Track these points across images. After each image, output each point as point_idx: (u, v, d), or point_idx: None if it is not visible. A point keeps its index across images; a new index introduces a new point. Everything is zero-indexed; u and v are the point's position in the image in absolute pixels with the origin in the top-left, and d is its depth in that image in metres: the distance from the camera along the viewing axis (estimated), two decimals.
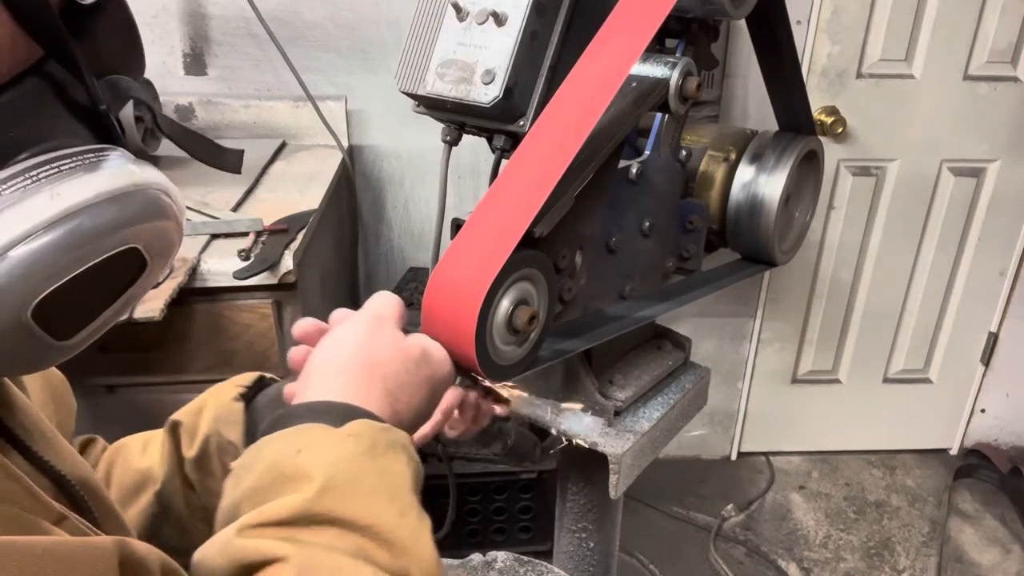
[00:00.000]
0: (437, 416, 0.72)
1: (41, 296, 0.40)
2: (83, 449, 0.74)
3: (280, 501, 0.47)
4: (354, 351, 0.59)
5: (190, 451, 0.70)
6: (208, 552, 0.48)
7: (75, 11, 0.45)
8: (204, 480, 0.69)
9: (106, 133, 0.47)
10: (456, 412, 0.78)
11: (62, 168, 0.42)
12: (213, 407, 0.71)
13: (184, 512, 0.70)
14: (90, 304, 0.44)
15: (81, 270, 0.41)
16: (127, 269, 0.45)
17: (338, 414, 0.53)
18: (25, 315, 0.40)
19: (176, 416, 0.72)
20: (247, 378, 0.74)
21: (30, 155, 0.42)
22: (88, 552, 0.41)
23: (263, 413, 0.71)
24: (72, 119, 0.45)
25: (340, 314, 0.66)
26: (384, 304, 0.65)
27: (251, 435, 0.69)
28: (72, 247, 0.41)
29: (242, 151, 0.60)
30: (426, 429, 0.72)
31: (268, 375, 0.76)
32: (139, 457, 0.71)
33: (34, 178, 0.41)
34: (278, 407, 0.69)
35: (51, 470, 0.51)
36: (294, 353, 0.66)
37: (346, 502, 0.48)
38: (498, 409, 0.82)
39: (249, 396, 0.72)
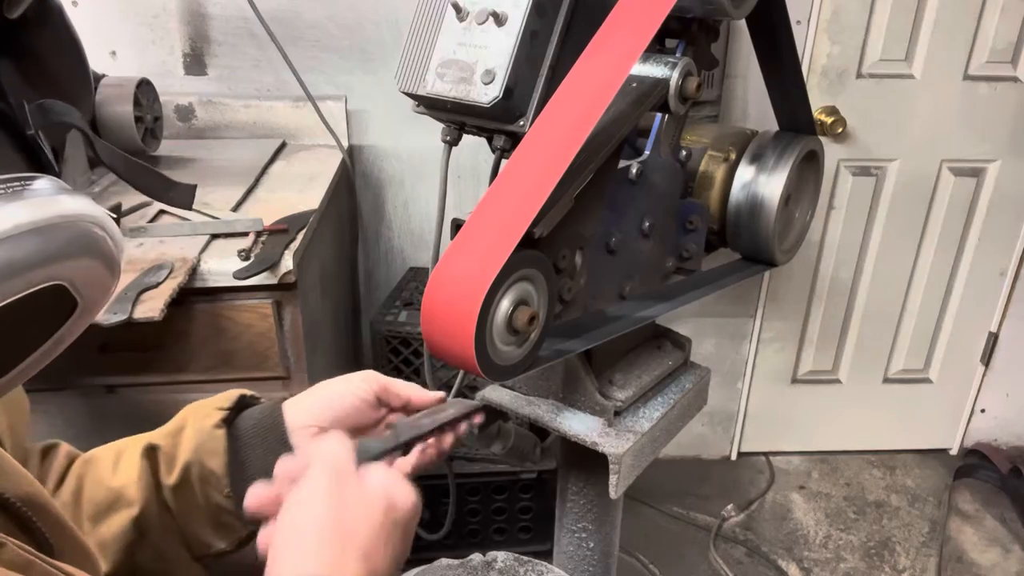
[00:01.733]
0: None
1: None
2: (44, 456, 0.70)
3: None
4: (324, 522, 0.54)
5: (169, 478, 0.67)
6: None
7: (2, 27, 0.41)
8: (183, 507, 0.68)
9: (36, 160, 0.44)
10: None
11: None
12: (194, 433, 0.68)
13: (161, 536, 0.68)
14: (14, 346, 0.41)
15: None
16: (55, 308, 0.42)
17: None
18: None
19: (153, 439, 0.69)
20: (227, 399, 0.71)
21: None
22: None
23: (245, 438, 0.68)
24: None
25: (287, 468, 0.60)
26: (336, 453, 0.59)
27: (233, 461, 0.67)
28: None
29: (194, 186, 0.55)
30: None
31: (249, 393, 0.73)
32: (111, 474, 0.68)
33: None
34: (262, 431, 0.68)
35: None
36: (262, 536, 0.61)
37: None
38: (477, 419, 0.75)
39: (230, 419, 0.70)
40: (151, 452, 0.68)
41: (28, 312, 0.40)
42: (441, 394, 0.74)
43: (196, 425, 0.69)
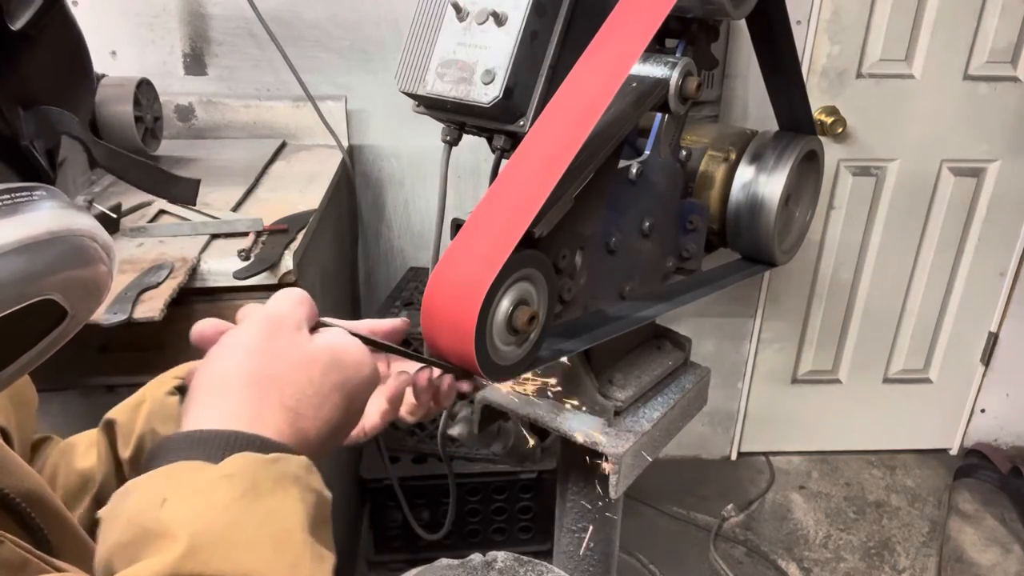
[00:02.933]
0: (384, 406, 0.66)
1: None
2: (36, 448, 0.70)
3: (145, 564, 0.41)
4: (243, 364, 0.50)
5: (126, 451, 0.66)
6: None
7: (2, 37, 0.41)
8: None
9: (31, 169, 0.44)
10: (412, 397, 0.69)
11: None
12: (149, 403, 0.67)
13: None
14: (3, 352, 0.41)
15: None
16: (44, 318, 0.42)
17: (217, 444, 0.45)
18: None
19: (111, 414, 0.68)
20: (186, 368, 0.68)
21: None
22: None
23: None
24: None
25: (246, 310, 0.56)
26: (284, 303, 0.55)
27: None
28: None
29: (197, 181, 0.54)
30: (374, 419, 0.66)
31: None
32: (82, 457, 0.67)
33: None
34: None
35: None
36: (188, 375, 0.59)
37: (220, 561, 0.41)
38: (463, 386, 0.72)
39: (186, 387, 0.65)
40: (109, 427, 0.67)
41: (17, 323, 0.40)
42: (400, 321, 0.68)
43: (151, 395, 0.67)
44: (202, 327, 0.57)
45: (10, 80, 0.42)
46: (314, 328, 0.56)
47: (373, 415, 0.66)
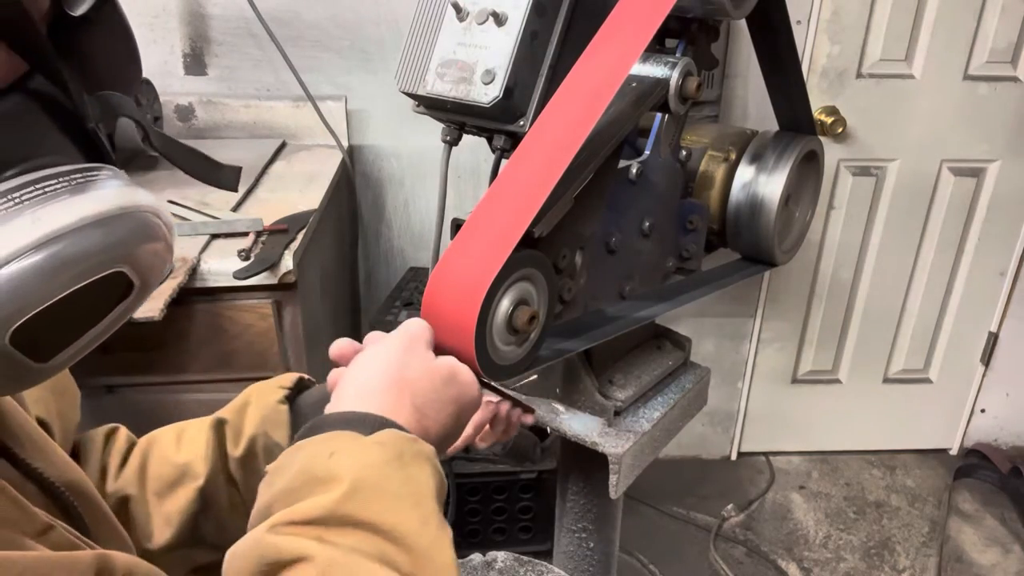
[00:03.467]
0: (468, 430, 0.76)
1: (18, 323, 0.39)
2: (107, 439, 0.73)
3: (310, 501, 0.48)
4: (386, 368, 0.60)
5: (236, 450, 0.70)
6: (240, 548, 0.49)
7: (65, 24, 0.43)
8: (248, 479, 0.70)
9: (96, 151, 0.46)
10: (488, 426, 0.82)
11: (47, 189, 0.40)
12: (258, 408, 0.72)
13: (225, 509, 0.71)
14: (73, 326, 0.43)
15: (62, 295, 0.40)
16: (113, 291, 0.44)
17: (368, 424, 0.54)
18: (2, 340, 0.39)
19: (221, 414, 0.73)
20: (288, 379, 0.75)
21: (15, 174, 0.41)
22: (66, 567, 0.41)
23: (307, 415, 0.71)
24: (60, 137, 0.44)
25: (374, 335, 0.67)
26: (416, 327, 0.66)
27: (298, 427, 0.70)
28: (52, 273, 0.40)
29: (239, 168, 0.57)
30: (457, 443, 0.73)
31: (307, 377, 0.77)
32: (175, 451, 0.71)
33: (16, 200, 0.40)
34: (322, 410, 0.71)
35: (39, 476, 0.51)
36: (331, 376, 0.68)
37: (372, 505, 0.49)
38: (528, 419, 0.85)
39: (291, 398, 0.74)
40: (219, 426, 0.72)
41: (90, 295, 0.42)
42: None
43: (260, 402, 0.73)
44: (341, 346, 0.68)
45: (73, 64, 0.43)
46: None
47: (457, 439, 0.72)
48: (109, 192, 0.43)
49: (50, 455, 0.55)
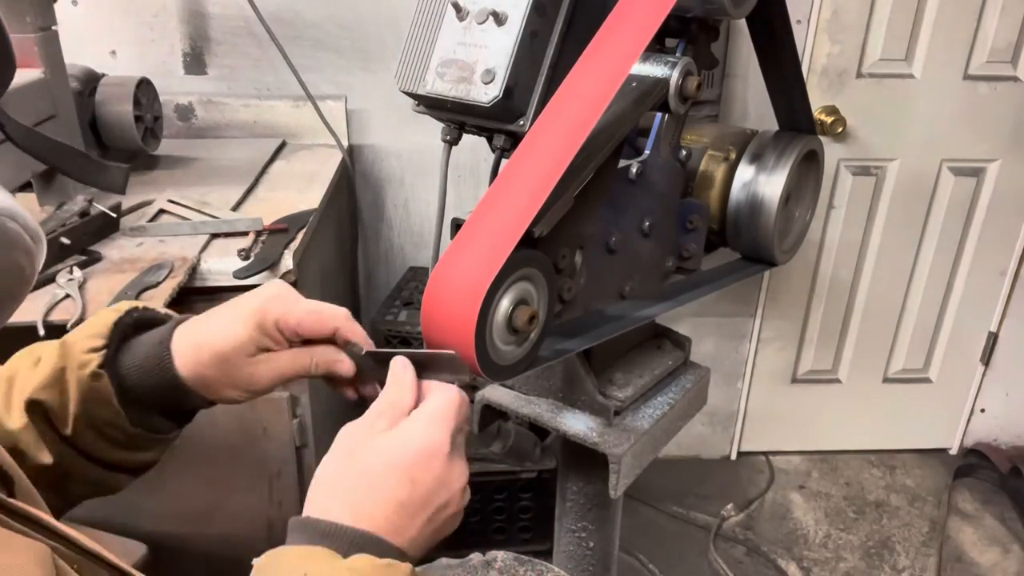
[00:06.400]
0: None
1: None
2: None
3: None
4: (420, 491, 0.56)
5: (66, 429, 0.63)
6: None
7: None
8: (93, 442, 0.64)
9: None
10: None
11: None
12: (76, 385, 0.63)
13: (88, 466, 0.65)
14: None
15: None
16: None
17: (344, 540, 0.52)
18: None
19: (34, 395, 0.63)
20: (102, 330, 0.64)
21: None
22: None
23: (131, 380, 0.64)
24: None
25: (436, 387, 0.61)
26: (457, 417, 0.59)
27: (124, 400, 0.64)
28: None
29: (127, 168, 0.54)
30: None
31: (124, 311, 0.67)
32: (6, 415, 0.63)
33: None
34: (146, 375, 0.64)
35: None
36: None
37: None
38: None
39: (109, 355, 0.64)
40: (39, 408, 0.63)
41: None
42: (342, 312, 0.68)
43: (75, 375, 0.63)
44: (405, 363, 0.62)
45: None
46: (355, 351, 0.64)
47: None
48: None
49: None
